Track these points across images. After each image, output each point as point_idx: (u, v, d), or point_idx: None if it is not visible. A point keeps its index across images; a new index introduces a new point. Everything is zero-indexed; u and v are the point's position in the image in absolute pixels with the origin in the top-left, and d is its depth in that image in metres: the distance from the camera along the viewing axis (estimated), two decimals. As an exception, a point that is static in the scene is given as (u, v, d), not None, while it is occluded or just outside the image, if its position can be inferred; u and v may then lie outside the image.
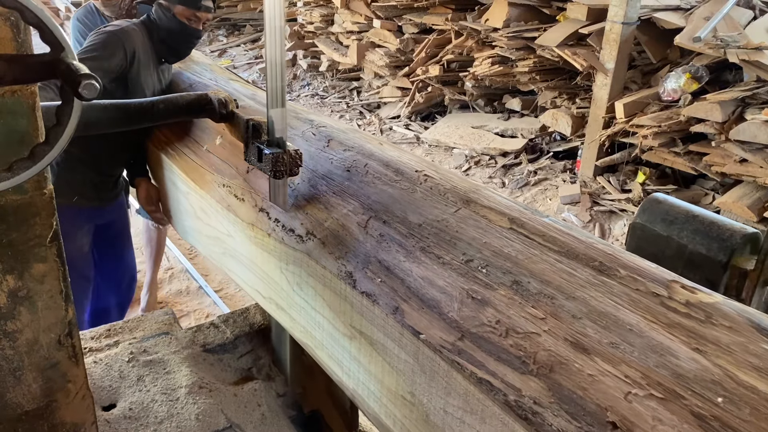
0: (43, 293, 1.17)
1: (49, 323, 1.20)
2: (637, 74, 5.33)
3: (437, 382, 1.03)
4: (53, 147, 0.94)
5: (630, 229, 1.55)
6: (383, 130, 6.76)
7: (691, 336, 0.88)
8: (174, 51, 2.30)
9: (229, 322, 2.03)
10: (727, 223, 1.50)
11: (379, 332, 1.15)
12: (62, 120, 0.94)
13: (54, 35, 0.91)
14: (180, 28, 2.21)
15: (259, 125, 1.45)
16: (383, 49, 6.96)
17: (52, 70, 0.93)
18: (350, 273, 1.22)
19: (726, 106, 4.57)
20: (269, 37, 1.30)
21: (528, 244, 1.11)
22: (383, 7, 6.77)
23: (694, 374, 0.83)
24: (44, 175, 1.10)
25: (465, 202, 1.25)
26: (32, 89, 1.04)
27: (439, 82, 6.49)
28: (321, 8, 7.82)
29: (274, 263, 1.51)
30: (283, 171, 1.36)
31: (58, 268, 1.17)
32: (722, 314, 0.92)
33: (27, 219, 1.12)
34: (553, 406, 0.85)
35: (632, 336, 0.89)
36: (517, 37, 5.64)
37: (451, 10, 6.29)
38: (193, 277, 4.00)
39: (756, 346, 0.86)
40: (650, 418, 0.78)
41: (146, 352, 1.87)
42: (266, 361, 1.99)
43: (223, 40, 9.87)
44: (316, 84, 8.10)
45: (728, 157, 4.59)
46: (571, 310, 0.96)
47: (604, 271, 1.03)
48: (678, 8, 5.11)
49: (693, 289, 0.99)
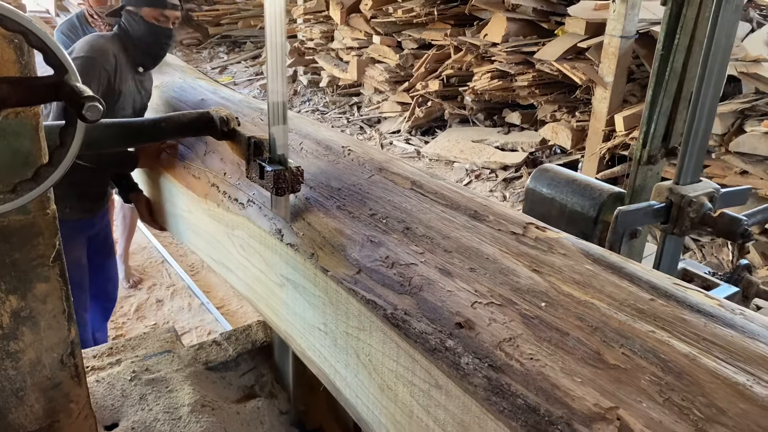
0: (46, 313, 1.17)
1: (52, 343, 1.20)
2: (636, 87, 5.35)
3: (340, 309, 1.24)
4: (57, 168, 0.95)
5: (524, 194, 1.86)
6: (384, 145, 6.78)
7: (533, 261, 1.13)
8: (148, 54, 2.30)
9: (231, 340, 2.03)
10: (598, 184, 1.79)
11: (300, 276, 1.38)
12: (66, 141, 0.95)
13: (58, 58, 0.91)
14: (150, 30, 2.23)
15: (261, 143, 1.46)
16: (383, 64, 7.02)
17: (56, 92, 0.94)
18: (279, 230, 1.46)
19: (725, 118, 4.59)
20: (270, 55, 1.32)
21: (422, 200, 1.37)
22: (383, 24, 6.83)
23: (528, 287, 1.06)
24: (47, 196, 1.11)
25: (378, 170, 1.51)
26: (35, 110, 1.04)
27: (438, 96, 6.53)
28: (321, 25, 7.89)
29: (223, 230, 1.75)
30: (285, 188, 1.38)
31: (61, 287, 1.17)
32: (561, 245, 1.18)
33: (30, 239, 1.12)
34: (418, 315, 1.07)
35: (488, 263, 1.14)
36: (516, 51, 5.68)
37: (450, 26, 6.34)
38: (194, 293, 4.01)
39: (581, 266, 1.11)
40: (487, 318, 1.01)
41: (148, 371, 1.86)
42: (269, 378, 1.99)
43: (223, 56, 9.95)
44: (317, 99, 8.15)
45: (729, 169, 4.60)
46: (445, 246, 1.20)
47: (477, 217, 1.29)
48: (675, 22, 5.14)
49: (543, 228, 1.25)
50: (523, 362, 0.92)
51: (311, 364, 1.43)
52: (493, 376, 0.92)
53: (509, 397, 0.89)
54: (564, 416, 0.83)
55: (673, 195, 1.59)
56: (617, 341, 0.92)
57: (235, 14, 10.28)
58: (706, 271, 1.85)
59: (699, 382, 0.85)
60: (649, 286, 1.04)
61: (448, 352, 0.98)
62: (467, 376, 0.94)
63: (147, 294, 4.04)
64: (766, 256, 4.45)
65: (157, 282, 4.17)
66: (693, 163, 1.61)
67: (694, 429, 0.78)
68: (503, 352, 0.95)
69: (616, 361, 0.89)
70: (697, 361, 0.88)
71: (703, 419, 0.79)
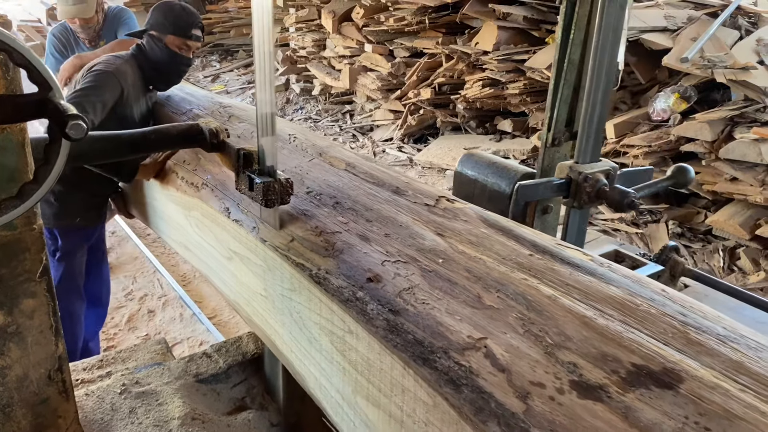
0: (33, 329, 1.18)
1: (39, 358, 1.20)
2: (627, 95, 5.42)
3: (276, 274, 1.43)
4: (41, 186, 0.95)
5: (453, 176, 2.11)
6: (376, 153, 6.83)
7: (438, 227, 1.35)
8: (166, 79, 2.43)
9: (222, 352, 2.05)
10: (514, 166, 2.03)
11: (244, 248, 1.57)
12: (50, 158, 0.96)
13: (42, 75, 0.93)
14: (171, 57, 2.33)
15: (250, 154, 1.49)
16: (375, 72, 7.08)
17: (41, 109, 0.95)
18: (227, 208, 1.66)
19: (715, 125, 4.65)
20: (258, 66, 1.36)
21: (353, 179, 1.60)
22: (374, 32, 6.90)
23: (430, 248, 1.27)
24: (33, 211, 1.12)
25: (319, 154, 1.74)
26: (22, 126, 1.05)
27: (431, 104, 6.59)
28: (313, 33, 7.97)
29: (181, 212, 1.94)
30: (274, 200, 1.41)
31: (48, 302, 1.18)
32: (464, 214, 1.40)
33: (17, 254, 1.13)
34: (337, 273, 1.26)
35: (401, 229, 1.35)
36: (507, 59, 5.74)
37: (441, 34, 6.43)
38: (186, 304, 4.04)
39: (477, 230, 1.33)
40: (393, 273, 1.21)
41: (138, 384, 1.88)
42: (259, 390, 2.00)
43: (216, 65, 10.00)
44: (309, 108, 8.20)
45: (719, 176, 4.66)
46: (368, 216, 1.41)
47: (398, 192, 1.51)
48: (665, 29, 5.22)
49: (453, 200, 1.47)
50: (416, 306, 1.12)
51: (257, 329, 1.62)
52: (391, 318, 1.11)
53: (402, 334, 1.07)
54: (443, 346, 1.02)
55: (572, 172, 1.80)
56: (495, 287, 1.12)
57: (228, 23, 10.38)
58: (637, 253, 2.04)
59: (555, 317, 1.04)
60: (531, 245, 1.24)
61: (358, 301, 1.17)
62: (372, 320, 1.13)
63: (139, 305, 4.08)
64: (756, 262, 4.48)
65: (149, 292, 4.19)
66: (591, 144, 1.81)
67: (544, 351, 0.97)
68: (402, 299, 1.14)
69: (492, 303, 1.09)
70: (557, 301, 1.07)
71: (552, 345, 0.98)
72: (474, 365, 0.97)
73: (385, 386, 1.09)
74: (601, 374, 0.91)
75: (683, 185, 1.96)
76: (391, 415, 1.09)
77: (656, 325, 0.99)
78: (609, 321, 1.01)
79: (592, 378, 0.91)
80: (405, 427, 1.05)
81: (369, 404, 1.14)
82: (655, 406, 0.85)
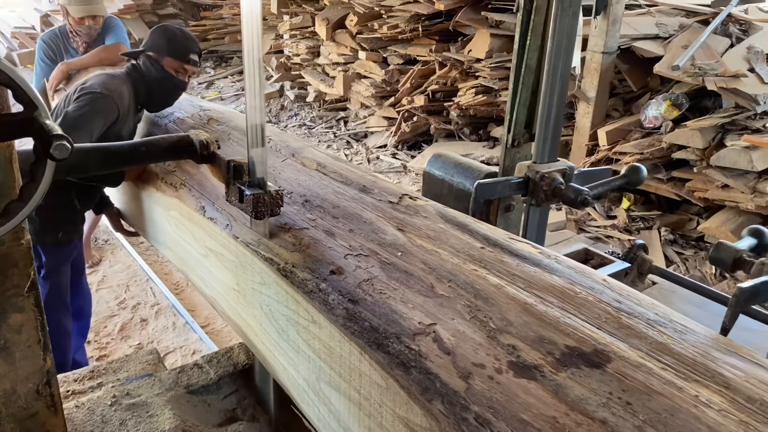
0: (21, 343, 1.17)
1: (27, 373, 1.20)
2: (619, 102, 5.52)
3: (247, 269, 1.52)
4: (27, 204, 0.96)
5: (422, 177, 2.23)
6: (370, 159, 6.93)
7: (400, 222, 1.46)
8: (159, 101, 2.43)
9: (213, 363, 2.08)
10: (478, 166, 2.16)
11: (218, 244, 1.67)
12: (36, 176, 0.96)
13: (27, 94, 0.93)
14: (168, 79, 2.34)
15: (240, 166, 1.51)
16: (369, 80, 7.21)
17: (27, 128, 0.95)
18: (203, 207, 1.76)
19: (706, 132, 4.74)
20: (248, 75, 1.39)
21: (323, 178, 1.71)
22: (368, 39, 7.03)
23: (390, 242, 1.37)
24: (21, 226, 1.11)
25: (292, 155, 1.86)
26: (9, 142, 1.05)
27: (424, 111, 6.70)
28: (307, 40, 8.10)
29: (161, 212, 2.05)
30: (264, 211, 1.43)
31: (36, 317, 1.18)
32: (425, 210, 1.52)
33: (4, 270, 1.13)
34: (303, 266, 1.36)
35: (365, 225, 1.45)
36: (499, 67, 5.86)
37: (434, 42, 6.55)
38: (179, 312, 4.08)
39: (436, 225, 1.44)
40: (354, 266, 1.31)
41: (129, 395, 1.90)
42: (250, 401, 2.03)
43: (210, 71, 10.14)
44: (304, 114, 8.31)
45: (710, 183, 4.74)
46: (334, 213, 1.52)
47: (365, 191, 1.62)
48: (657, 37, 5.34)
49: (415, 198, 1.59)
50: (374, 296, 1.21)
51: (231, 322, 1.71)
52: (350, 307, 1.20)
53: (360, 322, 1.17)
54: (396, 332, 1.12)
55: (529, 171, 1.92)
56: (447, 278, 1.22)
57: (222, 29, 10.53)
58: (606, 251, 2.16)
59: (499, 304, 1.13)
60: (483, 239, 1.34)
61: (321, 292, 1.27)
62: (332, 309, 1.22)
63: (131, 313, 4.10)
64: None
65: (142, 301, 4.20)
66: (548, 145, 1.93)
67: (487, 335, 1.07)
68: (361, 289, 1.24)
69: (443, 292, 1.18)
70: (502, 289, 1.17)
71: (495, 329, 1.08)
72: (423, 349, 1.06)
73: (344, 372, 1.18)
74: (537, 355, 1.01)
75: (636, 184, 2.07)
76: (350, 399, 1.18)
77: (592, 311, 1.09)
78: (548, 307, 1.11)
79: (529, 359, 1.00)
80: (363, 409, 1.15)
81: (332, 390, 1.24)
82: (584, 384, 0.94)
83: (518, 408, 0.92)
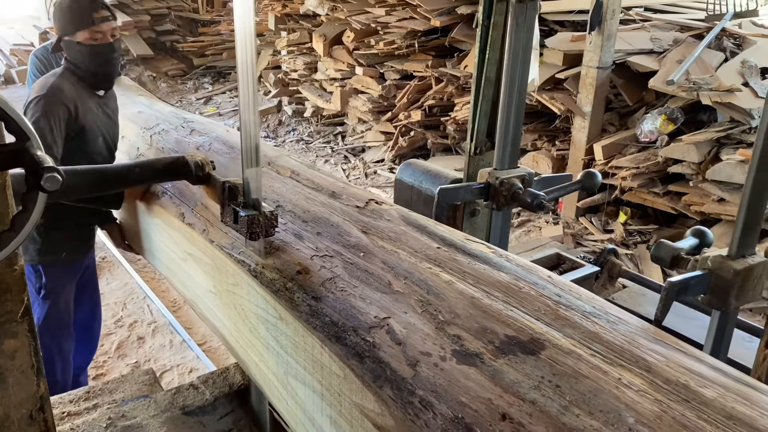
0: (14, 369, 1.18)
1: (20, 399, 1.21)
2: (615, 116, 5.64)
3: (221, 271, 1.65)
4: (19, 233, 0.97)
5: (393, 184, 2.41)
6: (368, 174, 7.06)
7: (364, 225, 1.58)
8: (101, 76, 2.41)
9: (209, 383, 2.11)
10: (445, 172, 2.30)
11: (197, 249, 1.79)
12: (28, 206, 0.98)
13: (19, 126, 0.95)
14: (92, 52, 2.32)
15: (235, 187, 1.56)
16: (366, 95, 7.38)
17: (18, 159, 0.96)
18: (183, 213, 1.89)
19: (702, 146, 4.85)
20: (243, 95, 1.46)
21: (296, 185, 1.84)
22: (365, 55, 7.21)
23: (354, 243, 1.50)
24: (15, 252, 1.10)
25: (268, 163, 1.97)
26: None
27: (421, 126, 6.86)
28: (304, 56, 8.30)
29: (148, 221, 2.18)
30: (258, 233, 1.48)
31: (30, 343, 1.19)
32: (389, 214, 1.64)
33: None
34: (271, 267, 1.48)
35: (332, 228, 1.58)
36: (495, 81, 5.95)
37: (431, 57, 6.72)
38: (176, 330, 4.15)
39: (398, 228, 1.56)
40: (319, 266, 1.43)
41: (124, 417, 1.93)
42: (246, 422, 2.07)
43: (208, 87, 10.36)
44: (301, 129, 8.49)
45: (706, 197, 4.84)
46: (304, 218, 1.64)
47: (334, 196, 1.75)
48: (651, 52, 5.48)
49: (381, 202, 1.71)
50: (335, 293, 1.33)
51: (209, 324, 1.83)
52: (314, 304, 1.33)
53: (321, 317, 1.29)
54: (353, 326, 1.23)
55: (490, 177, 2.06)
56: (404, 276, 1.34)
57: (220, 45, 10.78)
58: (578, 256, 2.30)
59: (449, 299, 1.25)
60: (440, 240, 1.47)
61: (287, 291, 1.39)
62: (297, 306, 1.34)
63: (128, 331, 4.16)
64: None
65: (139, 319, 4.28)
66: (508, 152, 2.09)
67: (436, 327, 1.18)
68: (324, 287, 1.36)
69: (399, 288, 1.30)
70: (453, 285, 1.29)
71: (443, 321, 1.20)
72: (377, 340, 1.18)
73: (308, 364, 1.30)
74: (479, 344, 1.12)
75: (590, 189, 2.23)
76: (314, 390, 1.30)
77: (533, 303, 1.21)
78: (493, 301, 1.23)
79: (471, 347, 1.12)
80: (324, 399, 1.26)
81: (297, 382, 1.36)
82: (519, 369, 1.06)
83: (458, 391, 1.04)
